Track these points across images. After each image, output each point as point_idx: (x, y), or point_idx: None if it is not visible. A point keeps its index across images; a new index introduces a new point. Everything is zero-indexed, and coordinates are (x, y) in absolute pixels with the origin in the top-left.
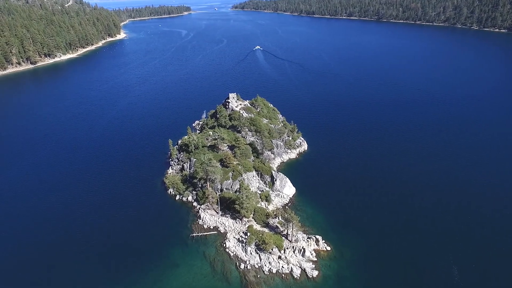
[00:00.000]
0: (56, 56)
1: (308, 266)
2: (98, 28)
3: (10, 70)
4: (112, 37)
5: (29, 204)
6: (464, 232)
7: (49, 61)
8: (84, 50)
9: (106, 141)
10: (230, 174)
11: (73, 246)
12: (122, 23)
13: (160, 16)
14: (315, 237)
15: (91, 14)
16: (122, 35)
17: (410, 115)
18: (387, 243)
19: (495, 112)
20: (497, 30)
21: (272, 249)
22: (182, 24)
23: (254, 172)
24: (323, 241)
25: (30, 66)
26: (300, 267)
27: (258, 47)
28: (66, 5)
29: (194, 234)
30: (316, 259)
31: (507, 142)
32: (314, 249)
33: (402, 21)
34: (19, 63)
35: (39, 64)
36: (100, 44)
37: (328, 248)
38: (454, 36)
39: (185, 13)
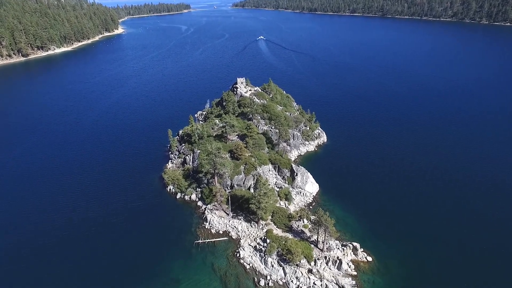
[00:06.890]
0: (49, 49)
1: (347, 283)
2: (95, 23)
3: (0, 62)
4: (109, 32)
5: (8, 213)
6: None
7: (42, 53)
8: (80, 43)
9: (97, 135)
10: (242, 167)
11: (53, 264)
12: (121, 20)
13: (159, 14)
14: (352, 245)
15: (88, 9)
16: (120, 30)
17: (434, 106)
18: (441, 249)
19: None
20: (508, 24)
21: (299, 261)
22: (181, 21)
23: (270, 166)
24: (362, 249)
25: (22, 59)
26: (336, 283)
27: (261, 37)
28: None
29: (200, 241)
30: (355, 273)
31: None
32: (352, 260)
33: (407, 17)
34: (9, 55)
35: (31, 56)
36: (97, 38)
37: (369, 259)
38: (464, 31)
39: (185, 11)
